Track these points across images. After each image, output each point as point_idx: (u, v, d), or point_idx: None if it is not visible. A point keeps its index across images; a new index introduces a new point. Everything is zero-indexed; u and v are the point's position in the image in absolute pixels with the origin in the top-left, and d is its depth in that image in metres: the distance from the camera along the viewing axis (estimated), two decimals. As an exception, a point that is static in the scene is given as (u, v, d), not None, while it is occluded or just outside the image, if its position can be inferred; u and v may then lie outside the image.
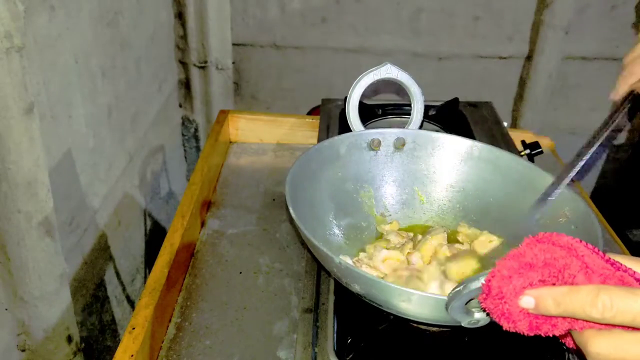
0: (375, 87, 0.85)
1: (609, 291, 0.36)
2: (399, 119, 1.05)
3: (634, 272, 0.38)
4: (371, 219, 0.77)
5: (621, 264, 0.38)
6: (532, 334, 0.40)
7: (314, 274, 0.72)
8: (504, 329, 0.41)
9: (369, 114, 1.03)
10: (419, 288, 0.61)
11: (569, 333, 0.40)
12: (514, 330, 0.40)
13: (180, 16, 1.42)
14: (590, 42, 1.50)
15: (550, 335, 0.40)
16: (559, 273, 0.38)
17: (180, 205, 0.88)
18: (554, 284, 0.39)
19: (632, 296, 0.36)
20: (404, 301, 0.53)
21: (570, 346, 0.41)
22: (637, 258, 0.40)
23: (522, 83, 1.55)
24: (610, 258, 0.39)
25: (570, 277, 0.38)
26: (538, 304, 0.39)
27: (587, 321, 0.38)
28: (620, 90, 0.61)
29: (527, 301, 0.39)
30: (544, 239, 0.40)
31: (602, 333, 0.37)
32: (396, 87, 0.83)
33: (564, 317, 0.39)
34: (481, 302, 0.41)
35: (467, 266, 0.64)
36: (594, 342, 0.37)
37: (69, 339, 0.88)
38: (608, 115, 0.60)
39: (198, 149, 1.60)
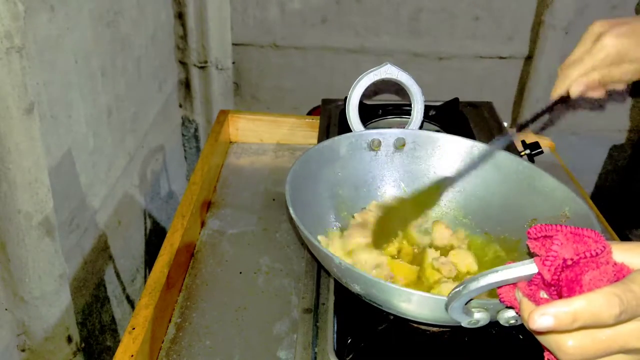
0: (375, 87, 0.85)
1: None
2: (399, 119, 1.05)
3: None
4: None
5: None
6: None
7: (314, 274, 0.72)
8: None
9: (369, 114, 1.03)
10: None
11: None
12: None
13: (180, 16, 1.42)
14: (590, 42, 1.50)
15: None
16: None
17: (180, 205, 0.88)
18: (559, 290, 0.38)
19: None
20: (404, 301, 0.53)
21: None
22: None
23: (522, 83, 1.55)
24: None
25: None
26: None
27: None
28: (558, 91, 0.72)
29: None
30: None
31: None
32: (396, 87, 0.83)
33: None
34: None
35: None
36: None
37: (69, 339, 0.88)
38: (543, 108, 0.73)
39: (198, 149, 1.60)
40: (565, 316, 0.36)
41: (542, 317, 0.36)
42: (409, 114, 0.84)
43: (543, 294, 0.39)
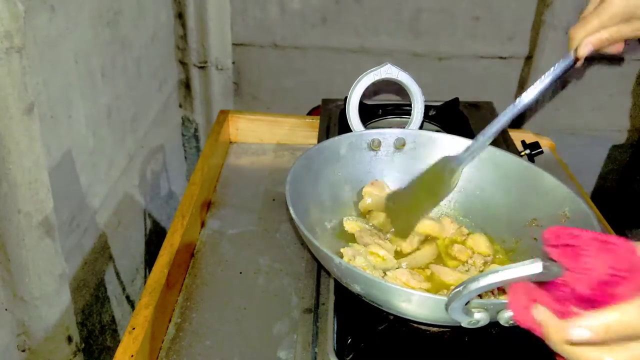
0: (375, 87, 0.85)
1: None
2: (399, 119, 1.05)
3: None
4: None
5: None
6: None
7: (314, 274, 0.72)
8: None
9: (369, 114, 1.03)
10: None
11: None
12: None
13: (180, 16, 1.42)
14: (590, 42, 1.50)
15: None
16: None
17: (180, 205, 0.88)
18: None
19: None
20: (404, 301, 0.53)
21: None
22: None
23: (522, 83, 1.55)
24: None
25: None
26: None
27: None
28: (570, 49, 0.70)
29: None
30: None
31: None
32: (396, 87, 0.83)
33: None
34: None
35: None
36: None
37: (69, 339, 0.88)
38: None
39: (198, 149, 1.60)
40: (599, 328, 0.36)
41: (577, 330, 0.36)
42: (409, 114, 0.84)
43: (574, 309, 0.39)
